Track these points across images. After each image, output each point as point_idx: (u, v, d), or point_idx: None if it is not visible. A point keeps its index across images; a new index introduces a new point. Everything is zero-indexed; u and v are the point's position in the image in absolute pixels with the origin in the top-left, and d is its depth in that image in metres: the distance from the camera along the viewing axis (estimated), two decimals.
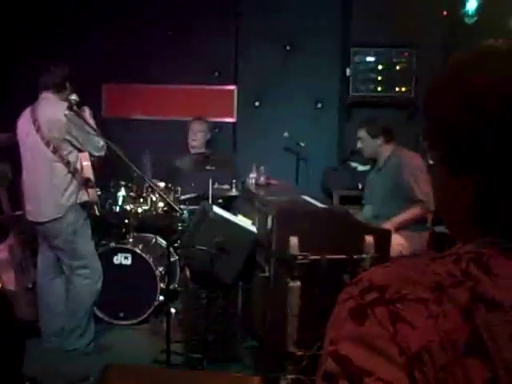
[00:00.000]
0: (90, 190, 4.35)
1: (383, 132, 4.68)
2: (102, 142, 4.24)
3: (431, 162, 0.92)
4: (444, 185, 0.90)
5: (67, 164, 4.23)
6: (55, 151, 4.20)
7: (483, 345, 0.75)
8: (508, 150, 0.80)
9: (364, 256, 3.49)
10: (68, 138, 4.19)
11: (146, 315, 4.92)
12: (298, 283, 3.43)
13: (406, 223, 4.48)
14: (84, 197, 4.34)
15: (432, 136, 0.91)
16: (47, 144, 4.19)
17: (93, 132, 4.16)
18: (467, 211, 0.86)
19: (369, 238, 3.52)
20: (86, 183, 4.32)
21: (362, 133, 4.74)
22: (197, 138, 5.86)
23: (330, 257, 3.44)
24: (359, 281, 0.83)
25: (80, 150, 4.27)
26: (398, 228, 4.41)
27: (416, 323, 0.76)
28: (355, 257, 3.48)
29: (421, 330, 0.75)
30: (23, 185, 4.43)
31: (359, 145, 4.80)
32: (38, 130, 4.21)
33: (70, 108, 4.07)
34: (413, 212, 4.49)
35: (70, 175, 4.25)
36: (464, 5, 5.84)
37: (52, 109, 4.23)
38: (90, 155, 4.31)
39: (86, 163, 4.33)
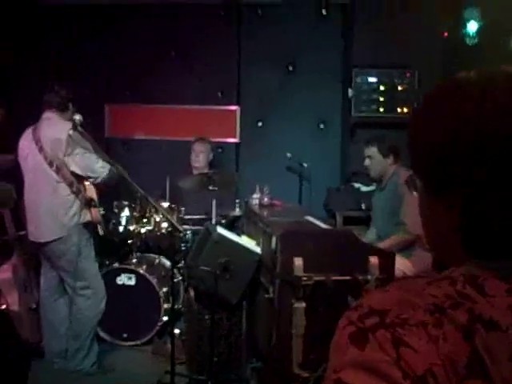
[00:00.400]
0: (92, 210, 4.35)
1: (393, 151, 4.65)
2: (100, 164, 4.23)
3: (415, 193, 0.95)
4: (429, 209, 0.92)
5: (70, 184, 4.24)
6: (58, 171, 4.20)
7: (483, 365, 0.75)
8: (487, 172, 0.82)
9: (369, 277, 3.49)
10: (67, 159, 4.19)
11: (149, 336, 4.91)
12: (303, 304, 3.43)
13: (393, 248, 4.29)
14: (87, 217, 4.34)
15: (416, 162, 0.93)
16: (50, 164, 4.20)
17: (95, 155, 4.17)
18: (454, 234, 0.88)
19: (373, 259, 3.53)
20: (89, 203, 4.33)
21: (373, 151, 4.65)
22: (199, 159, 5.88)
23: (334, 278, 3.44)
24: (359, 306, 0.83)
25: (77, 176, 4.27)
26: None
27: (418, 347, 0.76)
28: (360, 278, 3.48)
29: (423, 353, 0.76)
30: (25, 205, 4.43)
31: (367, 163, 4.70)
32: (41, 149, 4.22)
33: (74, 128, 4.09)
34: (396, 238, 4.46)
35: (73, 195, 4.26)
36: (465, 26, 5.89)
37: (55, 128, 4.24)
38: (89, 178, 4.31)
39: (89, 183, 4.34)
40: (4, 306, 4.37)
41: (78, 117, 4.16)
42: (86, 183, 4.33)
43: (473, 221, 0.85)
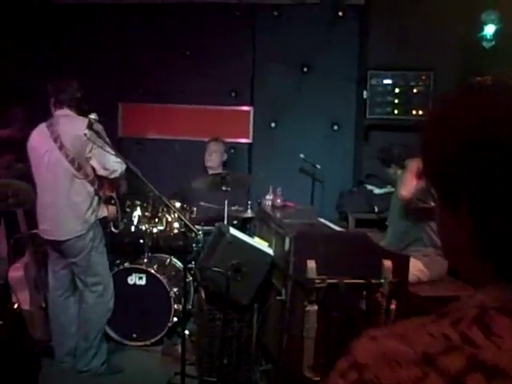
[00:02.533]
0: (110, 207, 4.34)
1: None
2: (117, 159, 4.14)
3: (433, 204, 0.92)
4: (443, 222, 0.89)
5: (92, 181, 4.21)
6: (79, 168, 4.15)
7: None
8: (493, 187, 0.79)
9: (382, 281, 3.45)
10: (89, 155, 4.16)
11: (159, 336, 4.88)
12: (316, 307, 3.39)
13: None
14: (104, 212, 4.34)
15: (429, 174, 0.90)
16: (72, 161, 4.13)
17: (112, 152, 4.13)
18: (470, 250, 0.84)
19: (387, 263, 3.48)
20: (108, 201, 4.32)
21: (392, 171, 4.75)
22: (212, 158, 5.88)
23: (347, 281, 3.40)
24: (349, 353, 0.81)
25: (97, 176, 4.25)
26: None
27: None
28: (373, 281, 3.44)
29: None
30: (38, 203, 4.37)
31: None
32: (61, 147, 4.14)
33: (89, 127, 4.02)
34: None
35: (93, 192, 4.24)
36: (482, 29, 5.83)
37: (74, 125, 4.17)
38: (105, 172, 4.25)
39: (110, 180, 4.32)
40: (16, 305, 4.36)
41: (93, 115, 4.11)
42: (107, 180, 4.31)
43: (482, 240, 0.81)
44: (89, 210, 4.23)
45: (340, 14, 6.28)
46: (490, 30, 5.82)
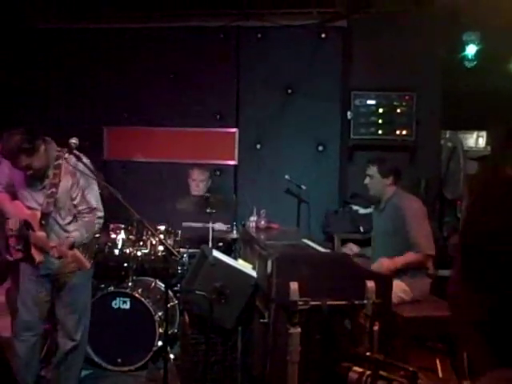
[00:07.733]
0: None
1: (394, 173, 4.66)
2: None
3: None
4: (466, 302, 0.88)
5: None
6: None
7: None
8: None
9: (365, 301, 3.43)
10: None
11: (144, 361, 4.82)
12: (299, 329, 3.36)
13: (404, 266, 4.43)
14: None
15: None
16: None
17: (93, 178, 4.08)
18: (481, 330, 0.84)
19: (370, 284, 3.47)
20: None
21: (373, 170, 4.68)
22: (199, 188, 5.84)
23: (330, 302, 3.38)
24: None
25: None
26: (396, 269, 4.34)
27: None
28: (356, 302, 3.42)
29: None
30: None
31: (366, 181, 4.73)
32: None
33: (69, 151, 3.96)
34: (410, 256, 4.45)
35: None
36: (464, 49, 5.90)
37: None
38: None
39: None
40: None
41: (73, 140, 4.03)
42: None
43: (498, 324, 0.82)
44: None
45: (323, 36, 6.32)
46: (471, 50, 5.89)
